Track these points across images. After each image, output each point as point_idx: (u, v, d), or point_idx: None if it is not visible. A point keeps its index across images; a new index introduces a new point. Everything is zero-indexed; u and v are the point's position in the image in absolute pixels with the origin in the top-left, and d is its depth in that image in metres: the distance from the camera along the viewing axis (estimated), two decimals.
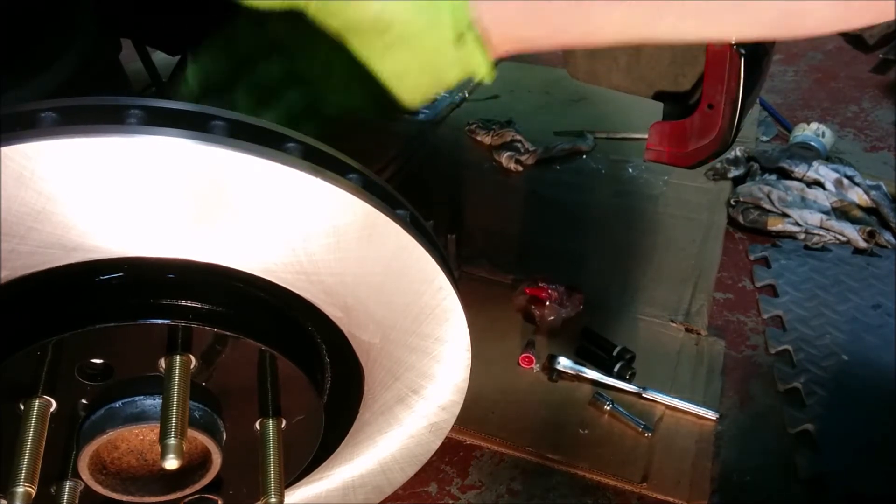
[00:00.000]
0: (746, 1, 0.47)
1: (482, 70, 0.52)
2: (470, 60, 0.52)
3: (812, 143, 1.68)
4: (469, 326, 0.59)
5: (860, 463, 1.02)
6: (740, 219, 1.50)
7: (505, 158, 1.67)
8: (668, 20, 0.49)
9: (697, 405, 1.08)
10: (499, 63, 0.54)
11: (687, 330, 1.24)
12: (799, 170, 1.56)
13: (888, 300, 1.31)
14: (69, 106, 0.45)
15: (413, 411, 0.64)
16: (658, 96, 0.87)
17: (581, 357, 1.15)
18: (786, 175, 1.58)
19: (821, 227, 1.46)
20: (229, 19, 0.57)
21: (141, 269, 0.49)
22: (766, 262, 1.43)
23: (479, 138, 1.76)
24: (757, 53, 0.78)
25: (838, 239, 1.45)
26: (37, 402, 0.49)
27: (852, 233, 1.44)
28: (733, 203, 1.53)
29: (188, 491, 0.56)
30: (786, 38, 0.49)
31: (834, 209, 1.50)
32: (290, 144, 0.48)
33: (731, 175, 1.61)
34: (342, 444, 0.64)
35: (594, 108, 1.93)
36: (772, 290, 1.36)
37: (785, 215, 1.48)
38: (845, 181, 1.54)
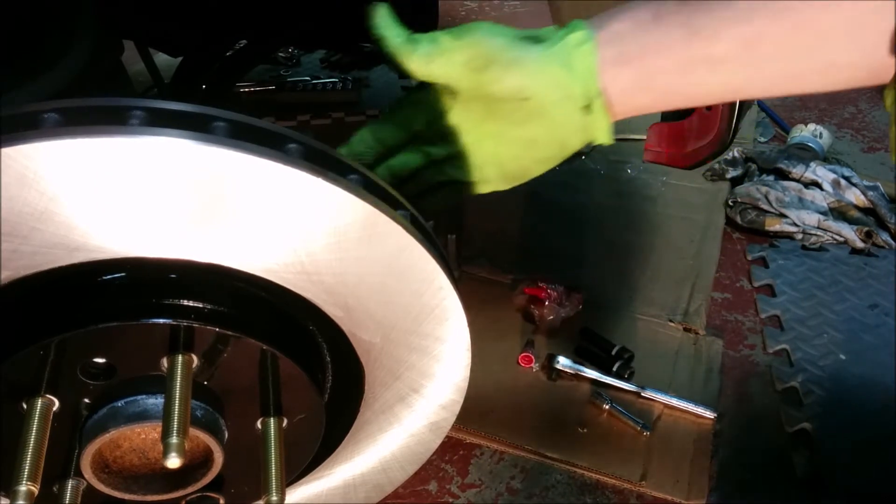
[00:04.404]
0: (834, 65, 0.52)
1: (603, 135, 0.59)
2: (593, 127, 0.58)
3: (810, 144, 1.69)
4: (469, 326, 0.59)
5: (858, 462, 1.02)
6: (738, 219, 1.51)
7: None
8: (764, 83, 0.55)
9: (696, 404, 1.08)
10: None
11: (685, 329, 1.24)
12: (796, 170, 1.57)
13: (885, 300, 1.31)
14: (71, 107, 0.46)
15: (413, 410, 0.64)
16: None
17: (580, 356, 1.15)
18: (783, 176, 1.58)
19: (818, 228, 1.46)
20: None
21: (143, 269, 0.49)
22: (763, 262, 1.43)
23: None
24: None
25: (836, 239, 1.46)
26: (39, 402, 0.49)
27: (850, 233, 1.44)
28: (731, 203, 1.54)
29: (190, 489, 0.56)
30: (867, 87, 0.55)
31: (831, 209, 1.50)
32: (292, 145, 0.48)
33: (729, 176, 1.62)
34: (343, 442, 0.64)
35: None
36: (770, 290, 1.36)
37: (782, 216, 1.48)
38: (843, 182, 1.54)
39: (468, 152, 0.60)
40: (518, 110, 0.57)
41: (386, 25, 0.58)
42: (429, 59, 0.57)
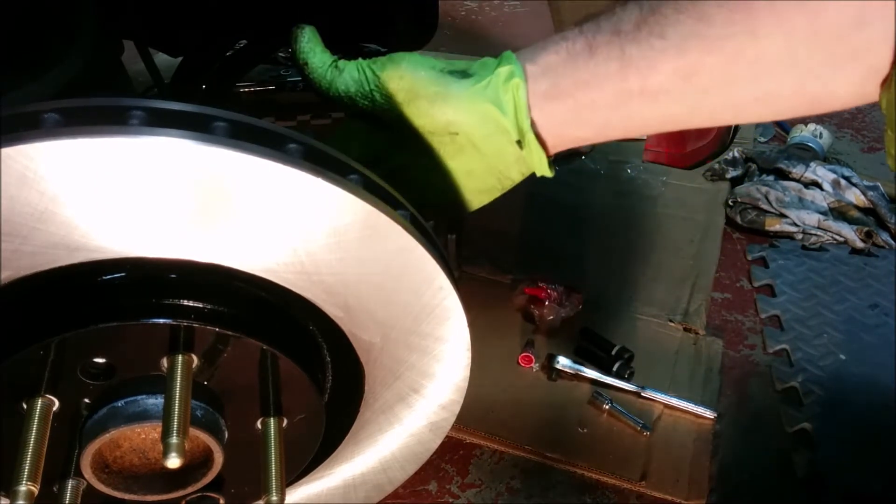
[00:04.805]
0: (773, 94, 0.52)
1: (541, 168, 0.58)
2: (530, 160, 0.57)
3: (810, 144, 1.69)
4: (469, 326, 0.59)
5: (857, 462, 1.02)
6: (738, 219, 1.51)
7: None
8: (704, 114, 0.54)
9: (696, 404, 1.08)
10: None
11: (685, 329, 1.24)
12: (796, 170, 1.57)
13: (885, 300, 1.31)
14: (71, 107, 0.46)
15: (413, 410, 0.64)
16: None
17: (580, 356, 1.15)
18: (783, 176, 1.58)
19: (818, 228, 1.46)
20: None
21: (143, 269, 0.49)
22: (763, 262, 1.43)
23: None
24: None
25: (836, 239, 1.46)
26: (39, 402, 0.49)
27: (850, 233, 1.44)
28: (731, 203, 1.54)
29: (190, 489, 0.56)
30: (811, 115, 0.54)
31: (831, 209, 1.50)
32: (292, 145, 0.48)
33: (729, 176, 1.62)
34: (343, 442, 0.64)
35: None
36: (770, 290, 1.36)
37: (783, 216, 1.48)
38: (843, 182, 1.54)
39: (406, 180, 0.58)
40: (449, 144, 0.56)
41: (309, 51, 0.56)
42: (351, 90, 0.56)
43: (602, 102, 0.53)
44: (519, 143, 0.56)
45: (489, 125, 0.55)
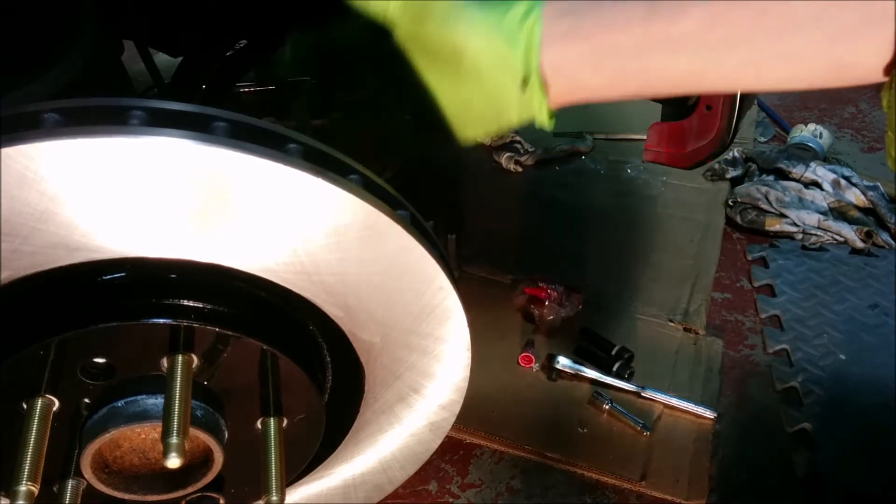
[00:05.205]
0: (796, 54, 0.50)
1: (542, 116, 0.56)
2: (530, 104, 0.55)
3: (810, 144, 1.69)
4: (469, 326, 0.59)
5: (857, 461, 1.02)
6: (738, 219, 1.51)
7: (505, 159, 1.67)
8: (724, 71, 0.52)
9: (696, 404, 1.08)
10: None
11: (685, 329, 1.24)
12: (796, 170, 1.57)
13: (885, 300, 1.31)
14: (71, 107, 0.46)
15: (413, 410, 0.64)
16: (657, 97, 0.87)
17: (580, 356, 1.15)
18: (783, 176, 1.58)
19: (818, 228, 1.46)
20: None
21: (143, 269, 0.49)
22: (763, 262, 1.43)
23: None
24: None
25: (836, 239, 1.46)
26: (39, 402, 0.49)
27: (850, 233, 1.44)
28: (731, 203, 1.54)
29: (190, 489, 0.56)
30: (832, 87, 0.52)
31: (831, 209, 1.50)
32: (292, 145, 0.49)
33: (729, 176, 1.62)
34: (343, 442, 0.64)
35: (593, 109, 1.93)
36: (770, 290, 1.36)
37: (783, 216, 1.48)
38: (843, 182, 1.54)
39: (406, 91, 0.57)
40: (452, 70, 0.55)
41: None
42: None
43: (622, 48, 0.52)
44: (525, 82, 0.54)
45: (496, 58, 0.54)
